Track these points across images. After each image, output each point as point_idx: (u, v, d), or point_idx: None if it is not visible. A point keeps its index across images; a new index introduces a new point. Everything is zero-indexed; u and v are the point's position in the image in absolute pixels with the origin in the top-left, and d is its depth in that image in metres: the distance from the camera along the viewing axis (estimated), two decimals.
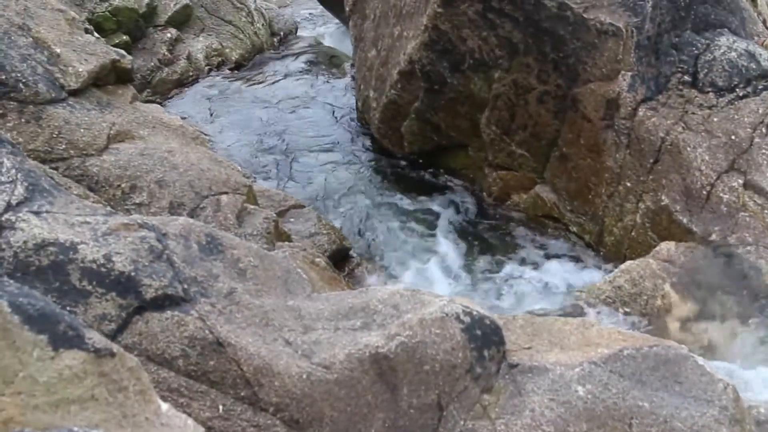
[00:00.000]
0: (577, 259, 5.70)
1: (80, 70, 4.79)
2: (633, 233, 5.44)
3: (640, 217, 5.37)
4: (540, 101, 5.70)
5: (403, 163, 6.71)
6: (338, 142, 7.10)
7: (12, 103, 4.29)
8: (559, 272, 5.58)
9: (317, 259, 4.78)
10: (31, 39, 4.72)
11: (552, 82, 5.60)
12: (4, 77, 4.29)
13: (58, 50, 4.80)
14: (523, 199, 6.08)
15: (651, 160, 5.28)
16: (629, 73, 5.31)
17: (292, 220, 5.38)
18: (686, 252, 5.01)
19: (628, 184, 5.41)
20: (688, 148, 5.15)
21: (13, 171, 3.28)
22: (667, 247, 5.03)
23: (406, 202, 6.27)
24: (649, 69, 5.34)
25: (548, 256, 5.74)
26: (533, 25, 5.50)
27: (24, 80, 4.37)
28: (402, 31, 6.36)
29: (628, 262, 5.02)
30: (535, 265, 5.65)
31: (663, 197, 5.23)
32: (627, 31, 5.27)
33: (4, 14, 4.72)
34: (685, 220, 5.12)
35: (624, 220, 5.47)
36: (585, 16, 5.35)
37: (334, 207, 6.19)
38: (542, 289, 5.42)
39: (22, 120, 4.30)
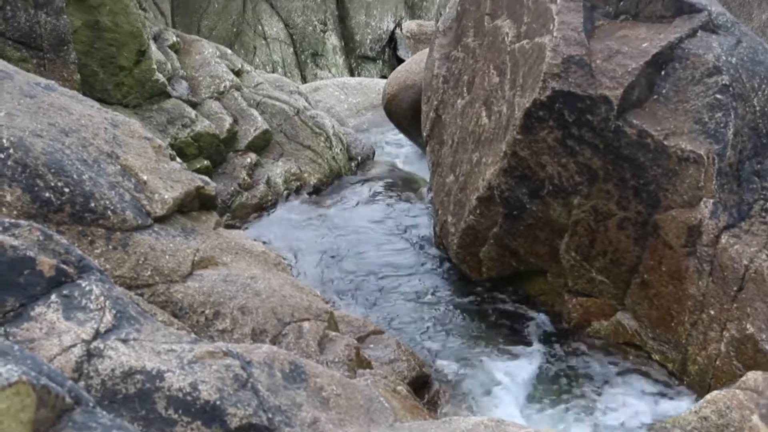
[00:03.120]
0: (660, 388, 5.59)
1: (166, 197, 4.87)
2: (717, 362, 5.33)
3: (725, 345, 5.27)
4: (620, 228, 5.67)
5: (481, 288, 6.70)
6: (416, 267, 7.12)
7: (100, 230, 4.37)
8: (642, 401, 5.48)
9: (398, 387, 4.75)
10: (119, 166, 4.82)
11: (632, 209, 5.58)
12: (93, 204, 4.37)
13: (145, 177, 4.89)
14: (603, 326, 6.02)
15: (735, 288, 5.20)
16: (711, 200, 5.27)
17: (371, 346, 5.37)
18: None
19: (712, 312, 5.32)
20: None
21: (102, 298, 3.32)
22: (753, 377, 4.91)
23: (484, 329, 6.24)
24: (731, 196, 5.31)
25: (631, 385, 5.64)
26: (613, 152, 5.51)
27: (112, 207, 4.45)
28: (481, 157, 6.40)
29: (714, 392, 4.91)
30: (618, 394, 5.55)
31: (748, 326, 5.13)
32: (708, 158, 5.26)
33: (94, 143, 4.84)
34: None
35: (708, 349, 5.38)
36: (665, 143, 5.35)
37: (413, 333, 6.17)
38: (626, 419, 5.31)
39: (110, 247, 4.37)
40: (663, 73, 5.53)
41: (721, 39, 5.60)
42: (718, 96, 5.37)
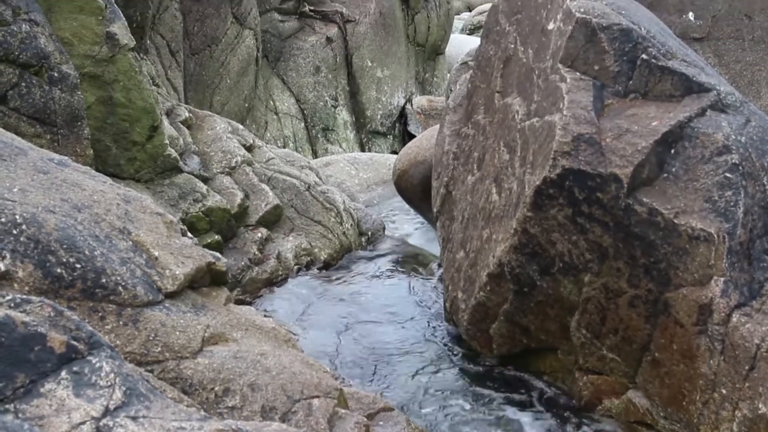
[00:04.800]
0: None
1: (177, 273, 4.88)
2: None
3: (737, 425, 5.23)
4: (631, 305, 5.66)
5: (491, 365, 6.67)
6: (426, 343, 7.10)
7: (111, 305, 4.38)
8: None
9: None
10: (131, 242, 4.84)
11: (643, 287, 5.58)
12: (104, 280, 4.38)
13: (157, 253, 4.91)
14: (614, 405, 5.98)
15: (747, 367, 5.17)
16: (722, 279, 5.26)
17: (381, 423, 5.33)
18: None
19: (724, 392, 5.29)
20: None
21: (112, 375, 3.32)
22: None
23: (495, 406, 6.20)
24: (742, 275, 5.30)
25: None
26: (623, 230, 5.52)
27: (123, 283, 4.47)
28: (491, 233, 6.42)
29: None
30: None
31: (760, 405, 5.09)
32: (719, 236, 5.26)
33: (106, 218, 4.86)
34: None
35: (720, 429, 5.33)
36: (676, 221, 5.36)
37: (423, 410, 6.14)
38: None
39: (120, 323, 4.37)
40: (673, 151, 5.56)
41: (731, 118, 5.64)
42: (728, 175, 5.39)
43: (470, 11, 37.81)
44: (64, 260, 4.28)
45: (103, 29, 7.64)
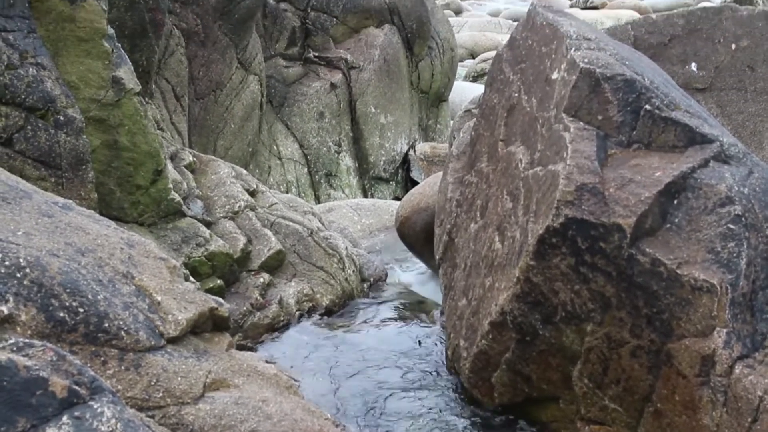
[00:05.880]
0: None
1: (180, 318, 4.89)
2: None
3: None
4: (633, 356, 5.65)
5: (493, 414, 6.63)
6: (427, 391, 7.07)
7: (113, 350, 4.38)
8: None
9: None
10: (134, 287, 4.85)
11: (646, 337, 5.57)
12: (107, 325, 4.39)
13: (159, 298, 4.91)
14: None
15: (749, 419, 5.15)
16: (724, 330, 5.25)
17: None
18: None
19: None
20: None
21: (113, 421, 3.32)
22: None
23: None
24: (745, 326, 5.29)
25: None
26: (626, 280, 5.52)
27: (126, 328, 4.47)
28: (494, 281, 6.41)
29: None
30: None
31: None
32: (721, 287, 5.25)
33: (110, 263, 4.88)
34: None
35: None
36: (678, 272, 5.36)
37: None
38: None
39: (122, 367, 4.37)
40: (676, 202, 5.57)
41: (733, 169, 5.65)
42: (731, 226, 5.40)
43: (474, 58, 37.95)
44: (67, 304, 4.28)
45: (109, 73, 7.68)
